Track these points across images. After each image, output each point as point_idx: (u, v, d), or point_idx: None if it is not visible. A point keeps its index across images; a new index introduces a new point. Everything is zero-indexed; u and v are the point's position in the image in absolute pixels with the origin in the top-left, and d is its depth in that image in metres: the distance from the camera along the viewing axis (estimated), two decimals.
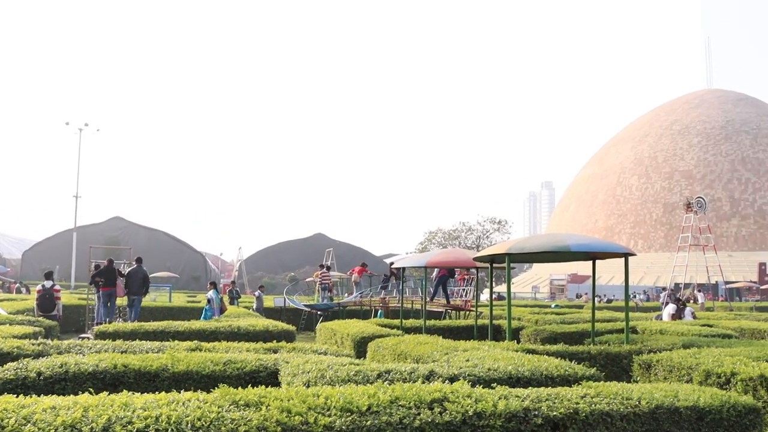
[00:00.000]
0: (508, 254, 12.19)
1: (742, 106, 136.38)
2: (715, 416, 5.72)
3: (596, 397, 5.61)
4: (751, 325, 17.75)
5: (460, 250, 21.35)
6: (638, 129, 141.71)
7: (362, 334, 14.24)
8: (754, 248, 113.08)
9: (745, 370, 7.86)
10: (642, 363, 9.53)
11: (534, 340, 15.68)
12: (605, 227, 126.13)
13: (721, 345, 10.90)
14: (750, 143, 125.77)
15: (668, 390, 6.02)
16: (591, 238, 13.03)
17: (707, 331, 14.96)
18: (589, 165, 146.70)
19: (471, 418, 4.94)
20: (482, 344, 10.66)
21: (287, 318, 27.34)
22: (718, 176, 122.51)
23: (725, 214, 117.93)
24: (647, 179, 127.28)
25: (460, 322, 19.87)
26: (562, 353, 10.35)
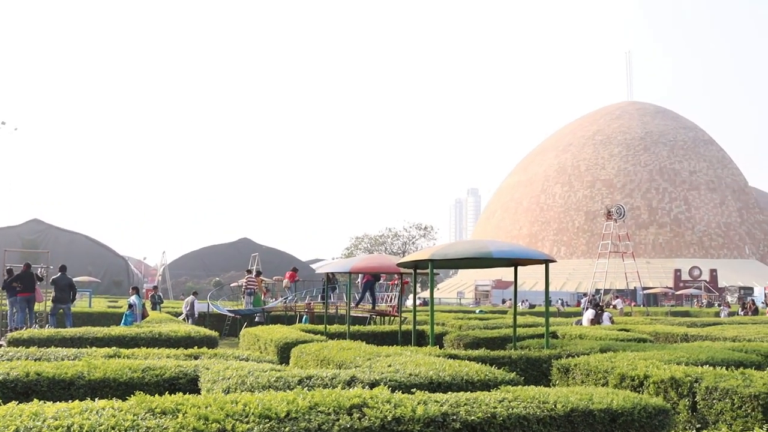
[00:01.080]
0: (431, 260, 12.29)
1: (660, 119, 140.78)
2: (627, 418, 5.87)
3: (514, 401, 5.69)
4: (665, 330, 18.28)
5: (384, 256, 21.45)
6: (562, 138, 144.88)
7: (285, 340, 14.14)
8: (670, 255, 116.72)
9: (657, 372, 8.10)
10: (561, 367, 9.72)
11: (457, 345, 15.82)
12: (529, 234, 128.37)
13: (636, 349, 11.20)
14: (667, 154, 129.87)
15: (583, 393, 6.15)
16: (513, 245, 13.24)
17: (624, 336, 15.35)
18: (515, 173, 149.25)
19: (390, 423, 4.96)
20: (405, 349, 10.70)
21: (211, 324, 26.99)
22: (637, 185, 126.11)
23: (644, 223, 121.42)
24: (570, 187, 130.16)
25: (385, 328, 19.92)
26: (483, 358, 10.47)
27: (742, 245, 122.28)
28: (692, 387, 7.66)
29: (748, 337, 15.39)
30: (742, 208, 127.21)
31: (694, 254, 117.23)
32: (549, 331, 15.73)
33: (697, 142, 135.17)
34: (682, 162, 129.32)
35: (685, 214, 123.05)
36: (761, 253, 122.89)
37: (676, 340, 16.87)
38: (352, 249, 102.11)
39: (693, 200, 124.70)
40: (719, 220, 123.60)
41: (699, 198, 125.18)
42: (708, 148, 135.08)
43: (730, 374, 7.64)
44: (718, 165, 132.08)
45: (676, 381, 7.83)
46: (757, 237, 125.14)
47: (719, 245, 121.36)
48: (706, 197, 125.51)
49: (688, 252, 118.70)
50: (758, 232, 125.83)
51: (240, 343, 18.80)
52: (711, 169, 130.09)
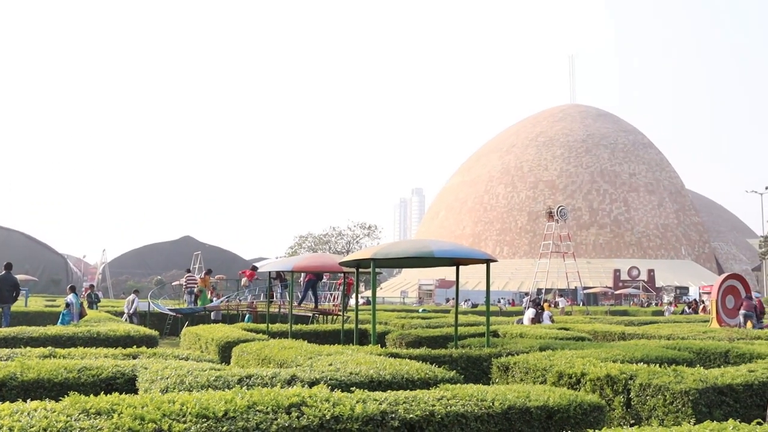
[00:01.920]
0: (373, 259, 12.32)
1: (601, 121, 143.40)
2: (563, 414, 5.97)
3: (452, 399, 5.75)
4: (603, 328, 18.63)
5: (327, 255, 21.42)
6: (506, 139, 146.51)
7: (227, 339, 14.04)
8: (610, 256, 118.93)
9: (593, 370, 8.25)
10: (500, 365, 9.83)
11: (399, 344, 15.89)
12: (473, 234, 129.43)
13: (575, 347, 11.39)
14: (608, 157, 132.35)
15: (520, 391, 6.24)
16: (454, 244, 13.34)
17: (563, 335, 15.60)
18: (459, 173, 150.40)
19: (329, 422, 4.97)
20: (346, 348, 10.71)
21: (152, 323, 26.62)
22: (578, 187, 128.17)
23: (585, 223, 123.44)
24: (513, 188, 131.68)
25: (327, 327, 19.90)
26: (425, 357, 10.54)
27: (678, 246, 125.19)
28: (627, 384, 7.82)
29: (682, 335, 15.78)
30: (679, 210, 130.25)
31: (633, 255, 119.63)
32: (490, 330, 15.90)
33: (637, 145, 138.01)
34: (622, 164, 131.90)
35: (625, 216, 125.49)
36: (696, 254, 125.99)
37: (613, 338, 17.19)
38: (296, 248, 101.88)
39: (632, 202, 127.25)
40: (657, 222, 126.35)
41: (638, 200, 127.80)
42: (647, 151, 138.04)
43: (662, 371, 7.82)
44: (657, 168, 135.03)
45: (611, 378, 7.98)
46: (693, 238, 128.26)
47: (657, 246, 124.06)
48: (645, 199, 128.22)
49: (627, 252, 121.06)
50: (694, 234, 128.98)
51: (181, 343, 18.60)
52: (650, 171, 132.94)
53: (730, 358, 11.53)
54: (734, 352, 11.62)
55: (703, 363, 11.47)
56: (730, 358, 11.53)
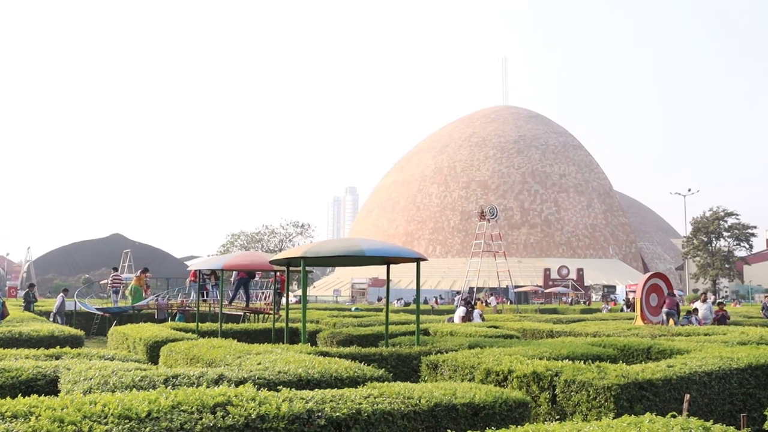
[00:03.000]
0: (303, 257, 12.27)
1: (533, 123, 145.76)
2: (489, 411, 6.06)
3: (379, 397, 5.77)
4: (532, 326, 18.93)
5: (257, 253, 21.21)
6: (439, 139, 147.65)
7: (155, 339, 13.81)
8: (540, 255, 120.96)
9: (520, 367, 8.38)
10: (429, 363, 9.90)
11: (330, 342, 15.87)
12: (406, 233, 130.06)
13: (503, 345, 11.54)
14: (539, 158, 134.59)
15: (447, 388, 6.30)
16: (385, 243, 13.37)
17: (493, 332, 15.80)
18: (392, 172, 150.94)
19: (254, 421, 4.94)
20: (276, 347, 10.66)
21: (79, 323, 26.02)
22: (510, 187, 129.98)
23: (516, 223, 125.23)
24: (446, 188, 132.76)
25: (258, 325, 19.76)
26: (354, 355, 10.55)
27: (606, 246, 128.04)
28: (552, 380, 7.97)
29: (607, 333, 16.14)
30: (607, 210, 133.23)
31: (562, 254, 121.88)
32: (420, 329, 16.01)
33: (567, 146, 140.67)
34: (552, 165, 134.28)
35: (555, 216, 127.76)
36: (623, 254, 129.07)
37: (542, 336, 17.48)
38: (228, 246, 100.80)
39: (562, 202, 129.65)
40: (586, 222, 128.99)
41: (568, 200, 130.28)
42: (577, 152, 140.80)
43: (587, 368, 7.99)
44: (586, 169, 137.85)
45: (537, 375, 8.12)
46: (620, 238, 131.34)
47: (586, 246, 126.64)
48: (575, 200, 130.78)
49: (557, 252, 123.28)
50: (621, 234, 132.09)
51: (108, 343, 18.24)
52: (579, 173, 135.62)
53: (652, 354, 11.83)
54: (656, 349, 11.93)
55: (626, 359, 11.76)
56: (652, 354, 11.83)
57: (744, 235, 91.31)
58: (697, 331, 16.87)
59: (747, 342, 12.89)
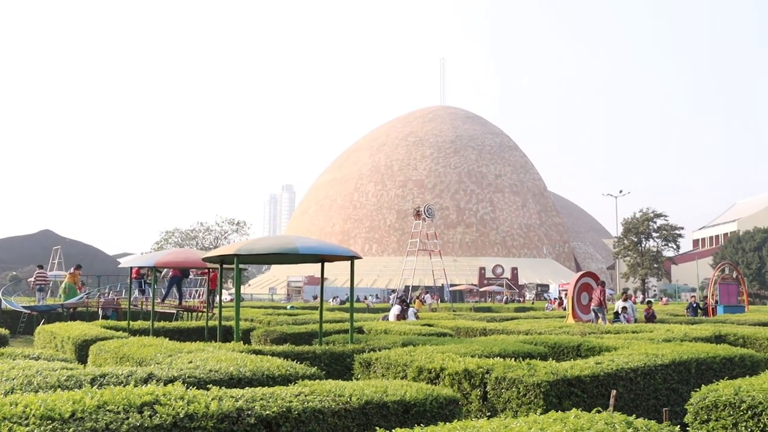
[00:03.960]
0: (237, 255, 12.14)
1: (470, 124, 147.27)
2: (420, 408, 6.09)
3: (310, 395, 5.75)
4: (466, 324, 19.12)
5: (191, 251, 20.97)
6: (376, 138, 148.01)
7: (84, 337, 13.52)
8: (476, 254, 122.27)
9: (452, 365, 8.45)
10: (362, 361, 9.91)
11: (264, 341, 15.76)
12: (342, 231, 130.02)
13: (436, 343, 11.61)
14: (475, 158, 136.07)
15: (378, 386, 6.31)
16: (319, 241, 13.34)
17: (427, 331, 15.90)
18: (329, 170, 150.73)
19: (182, 420, 4.86)
20: (208, 345, 10.54)
21: (4, 321, 25.29)
22: (447, 186, 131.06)
23: (452, 222, 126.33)
24: (383, 186, 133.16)
25: (191, 324, 19.53)
26: (288, 353, 10.49)
27: (540, 245, 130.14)
28: (484, 378, 8.05)
29: (539, 331, 16.39)
30: (541, 210, 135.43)
31: (497, 253, 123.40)
32: (355, 327, 16.02)
33: (503, 147, 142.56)
34: (488, 166, 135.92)
35: (491, 215, 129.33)
36: (557, 253, 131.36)
37: (475, 334, 17.66)
38: (162, 243, 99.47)
39: (498, 202, 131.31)
40: (521, 222, 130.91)
41: (503, 200, 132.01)
42: (512, 153, 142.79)
43: (517, 365, 8.10)
44: (521, 170, 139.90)
45: (469, 372, 8.20)
46: (554, 238, 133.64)
47: (520, 245, 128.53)
48: (510, 200, 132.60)
49: (492, 251, 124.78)
50: (555, 234, 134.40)
51: (35, 342, 17.78)
52: (515, 173, 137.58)
53: (582, 351, 12.06)
54: (585, 346, 12.17)
55: (556, 357, 11.96)
56: (582, 351, 12.06)
57: (672, 236, 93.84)
58: (625, 328, 17.25)
59: (672, 339, 13.23)
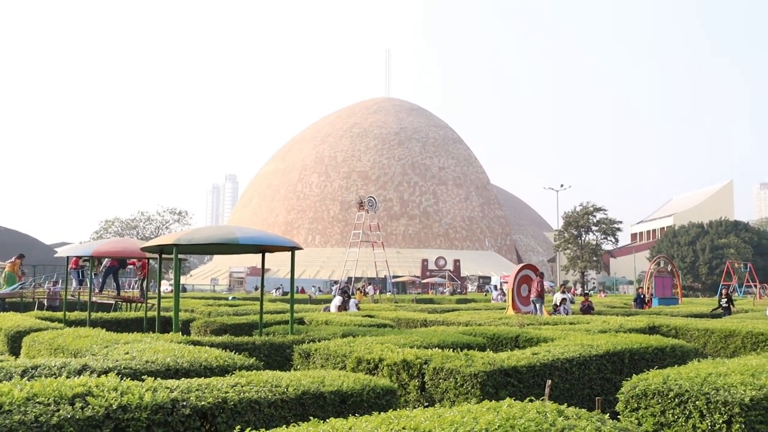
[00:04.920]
0: (176, 245, 11.98)
1: (414, 116, 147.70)
2: (357, 399, 6.11)
3: (247, 386, 5.73)
4: (407, 315, 19.22)
5: (129, 240, 20.61)
6: (321, 129, 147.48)
7: (17, 328, 13.19)
8: (419, 246, 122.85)
9: (390, 356, 8.49)
10: (302, 352, 9.89)
11: (204, 332, 15.61)
12: (285, 222, 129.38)
13: (376, 334, 11.66)
14: (419, 150, 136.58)
15: (316, 377, 6.32)
16: (260, 232, 13.24)
17: (368, 322, 15.93)
18: (273, 160, 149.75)
19: (115, 411, 4.79)
20: (145, 336, 10.41)
21: None
22: (390, 178, 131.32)
23: (395, 214, 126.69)
24: (327, 177, 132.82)
25: (130, 314, 19.21)
26: (227, 344, 10.42)
27: (482, 238, 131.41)
28: (422, 368, 8.11)
29: (479, 322, 16.56)
30: (484, 203, 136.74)
31: (440, 245, 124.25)
32: (296, 318, 15.98)
33: (447, 140, 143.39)
34: (432, 158, 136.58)
35: (434, 207, 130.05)
36: (499, 246, 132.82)
37: (416, 325, 17.75)
38: (101, 232, 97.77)
39: (441, 194, 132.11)
40: (464, 214, 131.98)
41: (446, 193, 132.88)
42: (456, 146, 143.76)
43: (455, 356, 8.18)
44: (465, 163, 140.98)
45: (407, 363, 8.25)
46: (496, 231, 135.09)
47: (463, 237, 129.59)
48: (453, 192, 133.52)
49: (435, 243, 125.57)
50: (497, 227, 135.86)
51: None
52: (458, 166, 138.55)
53: (520, 342, 12.23)
54: (523, 337, 12.34)
55: (495, 347, 12.11)
56: (520, 342, 12.23)
57: (611, 230, 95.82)
58: (563, 320, 17.56)
59: (607, 330, 13.50)
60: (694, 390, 6.28)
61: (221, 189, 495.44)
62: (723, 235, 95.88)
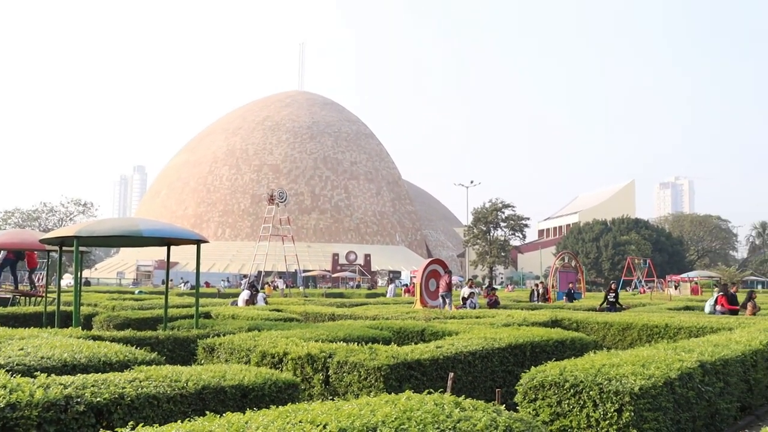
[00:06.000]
0: (77, 237, 11.63)
1: (327, 110, 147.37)
2: (258, 393, 6.07)
3: (145, 381, 5.62)
4: (315, 310, 19.19)
5: (29, 232, 19.85)
6: (232, 121, 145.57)
7: None
8: (330, 240, 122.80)
9: (295, 349, 8.48)
10: (206, 346, 9.77)
11: (106, 326, 15.24)
12: (195, 215, 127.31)
13: (282, 328, 11.62)
14: (331, 144, 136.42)
15: (217, 371, 6.25)
16: (165, 224, 12.96)
17: (275, 316, 15.87)
18: (183, 152, 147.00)
19: (3, 410, 4.62)
20: (42, 332, 10.07)
21: None
22: (302, 172, 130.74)
23: (306, 208, 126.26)
24: (238, 170, 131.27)
25: (29, 309, 18.57)
26: (129, 339, 10.21)
27: (393, 233, 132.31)
28: (326, 362, 8.12)
29: (386, 316, 16.68)
30: (395, 199, 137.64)
31: (351, 240, 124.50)
32: (203, 312, 15.78)
33: (359, 135, 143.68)
34: (344, 153, 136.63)
35: (345, 202, 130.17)
36: (409, 241, 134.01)
37: (324, 319, 17.75)
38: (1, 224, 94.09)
39: (353, 189, 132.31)
40: (375, 209, 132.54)
41: (358, 187, 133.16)
42: (368, 141, 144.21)
43: (359, 349, 8.22)
44: (377, 158, 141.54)
45: (312, 357, 8.25)
46: (407, 226, 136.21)
47: (374, 232, 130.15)
48: (365, 187, 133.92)
49: (346, 237, 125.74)
50: (407, 222, 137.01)
51: None
52: (370, 161, 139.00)
53: (426, 336, 12.38)
54: (429, 331, 12.51)
55: (401, 341, 12.23)
56: (426, 336, 12.38)
57: (519, 226, 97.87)
58: (469, 314, 17.84)
59: (511, 324, 13.80)
60: (588, 381, 6.51)
61: (129, 180, 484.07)
62: (625, 232, 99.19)
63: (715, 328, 13.62)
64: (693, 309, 24.33)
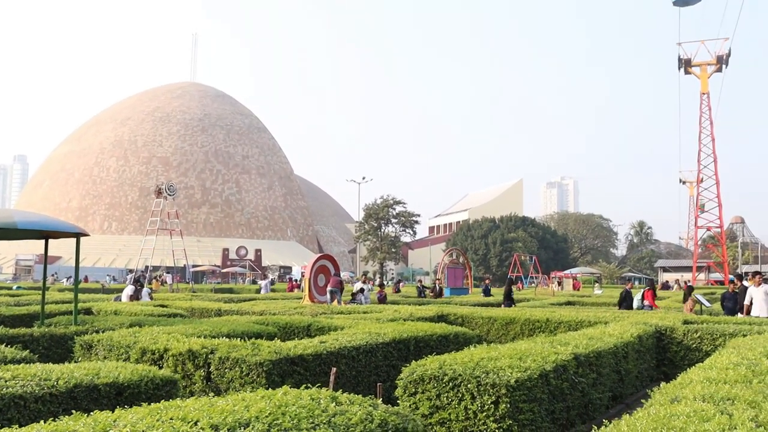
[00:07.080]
0: None
1: (219, 103, 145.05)
2: (134, 390, 5.94)
3: (11, 381, 5.41)
4: (201, 305, 18.89)
5: None
6: (121, 111, 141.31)
7: None
8: (220, 235, 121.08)
9: (176, 345, 8.32)
10: (83, 343, 9.48)
11: None
12: (80, 207, 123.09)
13: (165, 324, 11.38)
14: (223, 137, 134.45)
15: (90, 368, 6.08)
16: (42, 216, 12.46)
17: (160, 311, 15.50)
18: (68, 142, 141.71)
19: None
20: None
21: None
22: (192, 165, 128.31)
23: (197, 202, 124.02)
24: (126, 162, 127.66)
25: None
26: (1, 337, 9.81)
27: (285, 228, 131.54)
28: (208, 358, 8.01)
29: (273, 311, 16.58)
30: (287, 193, 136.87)
31: (242, 234, 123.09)
32: (84, 308, 15.27)
33: (252, 128, 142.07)
34: (236, 146, 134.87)
35: (236, 196, 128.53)
36: (301, 236, 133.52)
37: (210, 315, 17.49)
38: None
39: (244, 183, 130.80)
40: (266, 204, 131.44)
41: (249, 182, 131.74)
42: (261, 135, 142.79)
43: (242, 345, 8.14)
44: (269, 152, 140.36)
45: (193, 353, 8.12)
46: (298, 221, 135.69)
47: (265, 227, 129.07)
48: (256, 181, 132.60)
49: (236, 232, 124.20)
50: (299, 217, 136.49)
51: None
52: (262, 155, 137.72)
53: (312, 331, 12.38)
54: (315, 326, 12.51)
55: (287, 336, 12.17)
56: (312, 331, 12.38)
57: (409, 222, 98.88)
58: (357, 309, 17.93)
59: (397, 319, 13.95)
60: (466, 374, 6.66)
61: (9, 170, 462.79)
62: (512, 229, 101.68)
63: (592, 322, 14.12)
64: (574, 304, 25.23)
